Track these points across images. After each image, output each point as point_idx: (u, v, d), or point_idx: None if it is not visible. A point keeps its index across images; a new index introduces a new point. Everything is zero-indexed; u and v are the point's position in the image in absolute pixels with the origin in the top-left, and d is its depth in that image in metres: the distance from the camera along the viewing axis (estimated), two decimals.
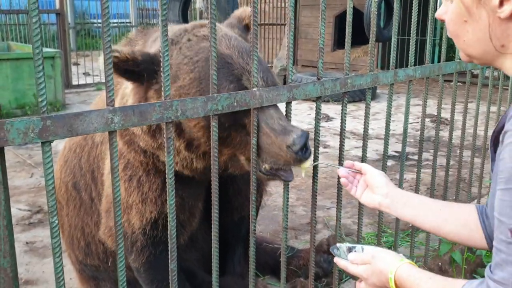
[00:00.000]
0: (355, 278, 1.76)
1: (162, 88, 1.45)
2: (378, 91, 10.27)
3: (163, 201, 2.18)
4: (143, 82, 1.90)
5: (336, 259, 1.77)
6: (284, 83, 2.00)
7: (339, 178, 2.18)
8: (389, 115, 2.42)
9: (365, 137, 2.31)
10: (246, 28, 2.22)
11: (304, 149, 1.75)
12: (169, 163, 1.50)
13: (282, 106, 1.91)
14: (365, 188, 1.88)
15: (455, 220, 1.77)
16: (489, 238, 1.71)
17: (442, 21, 1.53)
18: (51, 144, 1.23)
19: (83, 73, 11.61)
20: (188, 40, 1.97)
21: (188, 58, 1.90)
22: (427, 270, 1.57)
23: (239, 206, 2.57)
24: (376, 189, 1.82)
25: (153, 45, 2.08)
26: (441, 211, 1.78)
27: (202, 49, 1.91)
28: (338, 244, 1.82)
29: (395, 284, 1.54)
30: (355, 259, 1.69)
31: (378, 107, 8.83)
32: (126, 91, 2.08)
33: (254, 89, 1.70)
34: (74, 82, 10.95)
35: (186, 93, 1.86)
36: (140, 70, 1.85)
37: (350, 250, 1.79)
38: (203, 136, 1.90)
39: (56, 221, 1.28)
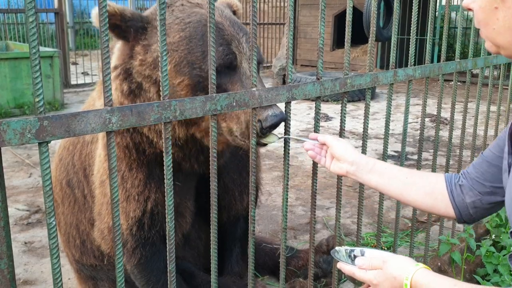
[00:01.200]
0: (358, 283, 1.70)
1: (161, 88, 1.43)
2: (377, 90, 10.27)
3: (146, 199, 2.16)
4: (129, 39, 1.94)
5: (340, 265, 1.71)
6: (284, 82, 1.99)
7: (339, 176, 2.17)
8: (388, 115, 2.41)
9: (364, 137, 2.30)
10: (234, 14, 2.27)
11: (272, 128, 1.79)
12: (167, 163, 1.49)
13: (281, 106, 1.90)
14: (332, 158, 1.89)
15: (420, 188, 1.78)
16: (458, 208, 1.74)
17: (469, 10, 1.48)
18: (49, 144, 1.22)
19: (82, 73, 11.59)
20: (181, 5, 2.01)
21: (179, 19, 1.94)
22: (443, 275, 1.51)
23: (227, 205, 2.55)
24: (341, 159, 1.84)
25: None
26: (407, 179, 1.79)
27: (195, 13, 1.95)
28: (337, 248, 1.80)
29: None
30: (363, 264, 1.62)
31: (377, 106, 8.82)
32: (112, 55, 2.07)
33: (253, 89, 1.69)
34: (73, 82, 10.94)
35: (174, 50, 1.89)
36: (128, 26, 1.89)
37: (349, 253, 1.76)
38: (185, 96, 1.89)
39: (54, 222, 1.27)
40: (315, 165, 2.07)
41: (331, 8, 13.61)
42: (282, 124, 1.89)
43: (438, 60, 2.75)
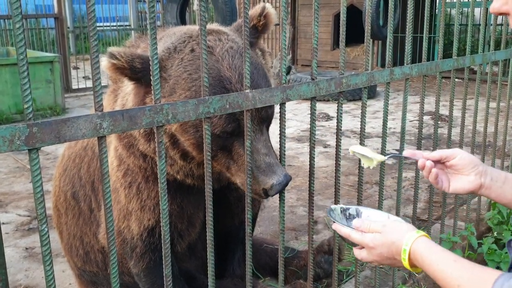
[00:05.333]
0: (352, 244, 1.61)
1: (152, 92, 1.43)
2: (378, 89, 10.23)
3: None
4: (142, 83, 1.88)
5: (336, 226, 1.61)
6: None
7: (337, 176, 2.16)
8: (386, 113, 2.39)
9: (361, 136, 2.29)
10: (254, 28, 2.08)
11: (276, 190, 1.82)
12: (160, 167, 1.48)
13: (276, 107, 1.89)
14: (448, 177, 1.68)
15: None
16: None
17: (501, 14, 1.37)
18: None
19: (83, 77, 11.59)
20: (191, 51, 1.90)
21: (187, 74, 1.85)
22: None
23: (240, 212, 2.58)
24: (470, 167, 1.62)
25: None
26: None
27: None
28: (332, 206, 1.72)
29: (409, 257, 1.41)
30: (361, 226, 1.53)
31: (378, 105, 8.79)
32: (127, 89, 2.06)
33: (246, 91, 1.67)
34: (74, 86, 10.95)
35: None
36: (138, 78, 1.83)
37: (344, 211, 1.70)
38: (193, 151, 1.94)
39: (46, 229, 1.26)
40: (312, 165, 2.06)
41: (331, 8, 13.58)
42: (278, 124, 1.88)
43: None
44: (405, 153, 1.76)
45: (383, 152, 2.47)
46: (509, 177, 1.63)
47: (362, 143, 2.29)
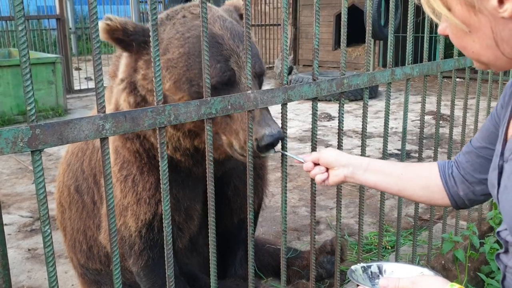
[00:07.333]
0: None
1: (154, 93, 1.43)
2: (380, 89, 10.23)
3: (157, 202, 2.17)
4: (133, 49, 1.95)
5: None
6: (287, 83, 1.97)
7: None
8: (387, 113, 2.40)
9: (363, 136, 2.29)
10: (241, 17, 2.19)
11: (269, 147, 1.79)
12: (163, 168, 1.49)
13: (278, 108, 1.90)
14: (327, 171, 1.86)
15: (416, 184, 1.77)
16: (453, 199, 1.73)
17: (446, 36, 1.41)
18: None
19: (85, 78, 11.62)
20: (183, 17, 2.00)
21: (180, 34, 1.93)
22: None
23: (238, 208, 2.55)
24: (335, 165, 1.82)
25: None
26: (402, 174, 1.78)
27: (195, 27, 1.94)
28: (353, 267, 1.65)
29: None
30: (388, 285, 1.44)
31: (381, 105, 8.79)
32: (120, 63, 2.10)
33: (248, 92, 1.68)
34: (76, 87, 10.97)
35: (173, 66, 1.90)
36: (130, 40, 1.90)
37: (365, 270, 1.65)
38: None
39: (49, 230, 1.27)
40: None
41: (332, 8, 13.60)
42: (280, 124, 1.88)
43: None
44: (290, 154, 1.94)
45: (384, 151, 2.48)
46: (371, 165, 1.81)
47: (363, 143, 2.30)
